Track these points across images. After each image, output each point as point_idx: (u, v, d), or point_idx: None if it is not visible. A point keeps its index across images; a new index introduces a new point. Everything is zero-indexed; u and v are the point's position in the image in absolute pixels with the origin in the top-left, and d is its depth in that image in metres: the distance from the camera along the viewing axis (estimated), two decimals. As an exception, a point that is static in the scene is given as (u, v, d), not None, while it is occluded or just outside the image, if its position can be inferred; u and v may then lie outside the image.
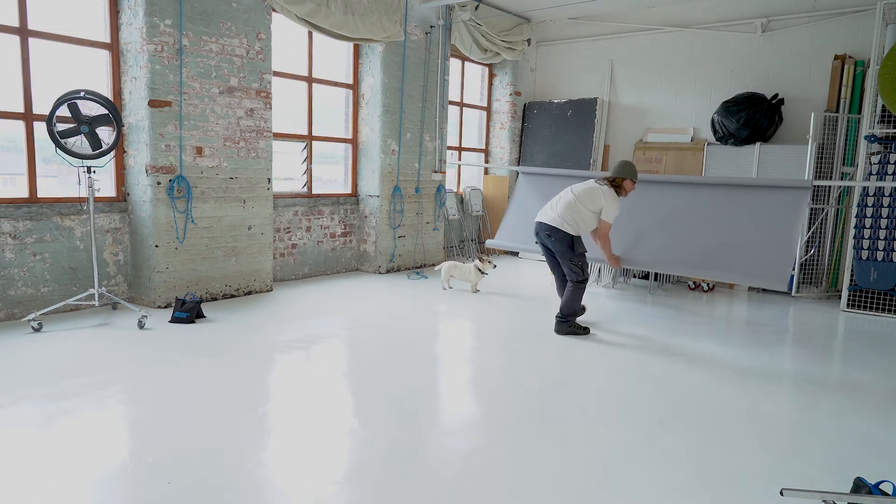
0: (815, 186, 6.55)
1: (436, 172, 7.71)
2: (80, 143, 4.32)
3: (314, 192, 6.80)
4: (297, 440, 2.83)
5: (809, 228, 6.60)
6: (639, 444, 2.90)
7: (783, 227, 4.78)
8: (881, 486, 2.27)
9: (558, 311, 4.84)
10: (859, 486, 2.29)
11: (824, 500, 2.18)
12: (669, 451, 2.84)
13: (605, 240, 4.84)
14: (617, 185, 4.75)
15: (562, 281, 5.01)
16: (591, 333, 4.82)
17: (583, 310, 5.02)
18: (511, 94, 8.95)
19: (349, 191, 7.21)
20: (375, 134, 6.99)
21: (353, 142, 7.15)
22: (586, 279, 4.78)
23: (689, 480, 2.58)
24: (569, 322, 4.79)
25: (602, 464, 2.70)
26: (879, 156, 5.88)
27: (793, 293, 6.62)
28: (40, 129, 4.61)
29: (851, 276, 6.04)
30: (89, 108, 4.30)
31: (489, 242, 6.19)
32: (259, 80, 5.61)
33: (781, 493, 2.21)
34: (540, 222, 4.82)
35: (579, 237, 4.77)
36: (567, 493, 2.43)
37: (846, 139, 6.48)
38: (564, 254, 4.72)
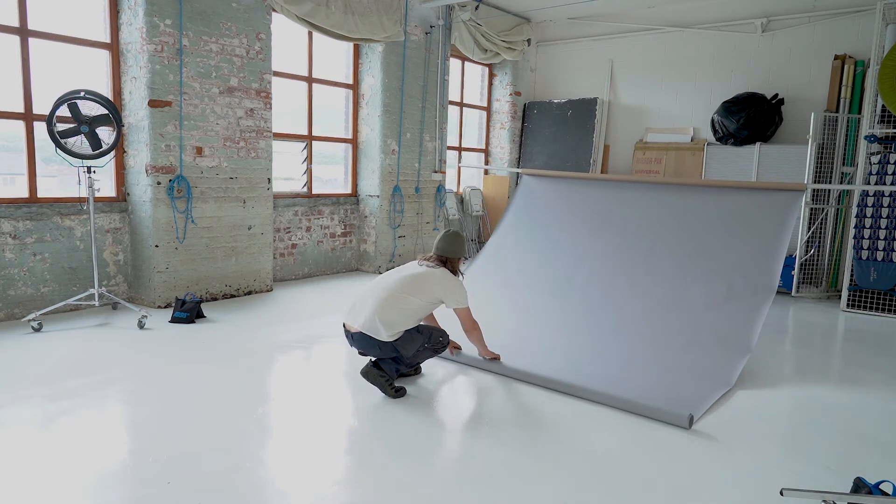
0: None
1: (436, 172, 7.71)
2: (80, 143, 4.33)
3: (314, 192, 6.80)
4: (297, 440, 2.83)
5: (809, 228, 6.60)
6: (635, 443, 2.91)
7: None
8: (881, 486, 2.27)
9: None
10: (859, 486, 2.29)
11: (824, 500, 2.18)
12: (669, 450, 2.85)
13: (475, 328, 3.71)
14: (450, 264, 3.63)
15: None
16: (407, 395, 3.41)
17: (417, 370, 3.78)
18: (511, 94, 8.95)
19: (349, 191, 7.21)
20: (375, 134, 6.99)
21: (353, 142, 7.15)
22: (444, 346, 3.68)
23: (689, 480, 2.58)
24: (391, 376, 3.39)
25: (603, 457, 2.71)
26: (879, 156, 5.88)
27: (793, 293, 6.62)
28: (40, 129, 4.61)
29: (851, 276, 6.04)
30: (89, 108, 4.30)
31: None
32: (259, 80, 5.61)
33: (781, 493, 2.21)
34: (352, 332, 3.43)
35: (408, 334, 3.41)
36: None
37: (846, 139, 6.48)
38: (399, 361, 3.44)
